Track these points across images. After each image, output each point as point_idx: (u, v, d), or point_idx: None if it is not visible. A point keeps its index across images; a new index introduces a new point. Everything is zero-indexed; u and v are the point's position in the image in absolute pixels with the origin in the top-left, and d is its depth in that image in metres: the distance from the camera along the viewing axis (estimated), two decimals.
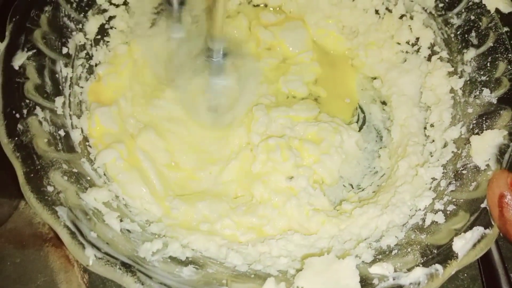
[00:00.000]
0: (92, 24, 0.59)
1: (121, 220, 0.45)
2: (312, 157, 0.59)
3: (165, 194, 0.54)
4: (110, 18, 0.63)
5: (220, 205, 0.54)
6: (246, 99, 0.64)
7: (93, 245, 0.40)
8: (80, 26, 0.58)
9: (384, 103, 0.67)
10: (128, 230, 0.45)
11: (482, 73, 0.54)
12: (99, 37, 0.61)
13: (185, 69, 0.64)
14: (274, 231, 0.53)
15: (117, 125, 0.56)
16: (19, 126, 0.45)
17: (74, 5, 0.57)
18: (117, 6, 0.63)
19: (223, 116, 0.63)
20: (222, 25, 0.57)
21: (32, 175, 0.42)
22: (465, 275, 0.62)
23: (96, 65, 0.60)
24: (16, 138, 0.44)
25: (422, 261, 0.41)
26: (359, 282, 0.40)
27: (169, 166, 0.58)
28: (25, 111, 0.46)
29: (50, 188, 0.42)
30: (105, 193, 0.46)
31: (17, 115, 0.45)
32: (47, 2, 0.53)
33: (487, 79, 0.53)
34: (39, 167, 0.43)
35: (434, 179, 0.52)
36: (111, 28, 0.63)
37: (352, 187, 0.61)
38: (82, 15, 0.58)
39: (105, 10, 0.62)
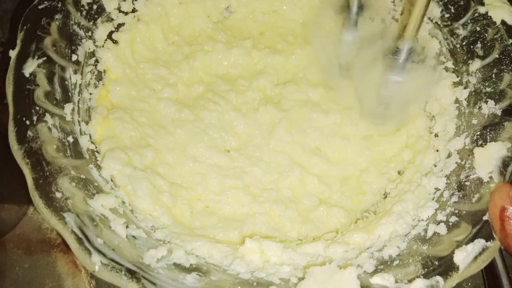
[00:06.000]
0: (101, 31, 0.60)
1: (127, 226, 0.45)
2: None
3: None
4: (119, 25, 0.64)
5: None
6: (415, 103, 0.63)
7: (99, 252, 0.40)
8: (90, 33, 0.59)
9: None
10: (134, 236, 0.45)
11: (487, 84, 0.54)
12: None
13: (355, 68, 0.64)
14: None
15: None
16: (29, 132, 0.45)
17: (84, 13, 0.58)
18: (126, 13, 0.64)
19: (392, 113, 0.63)
20: (417, 27, 0.52)
21: (41, 181, 0.43)
22: (469, 284, 0.63)
23: (104, 71, 0.61)
24: (26, 145, 0.44)
25: (423, 272, 0.41)
26: None
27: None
28: (35, 118, 0.47)
29: (58, 194, 0.43)
30: (112, 199, 0.47)
31: (27, 122, 0.46)
32: (57, 10, 0.54)
33: (492, 90, 0.53)
34: (48, 173, 0.44)
35: (437, 189, 0.52)
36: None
37: None
38: (91, 22, 0.59)
39: (114, 18, 0.63)
